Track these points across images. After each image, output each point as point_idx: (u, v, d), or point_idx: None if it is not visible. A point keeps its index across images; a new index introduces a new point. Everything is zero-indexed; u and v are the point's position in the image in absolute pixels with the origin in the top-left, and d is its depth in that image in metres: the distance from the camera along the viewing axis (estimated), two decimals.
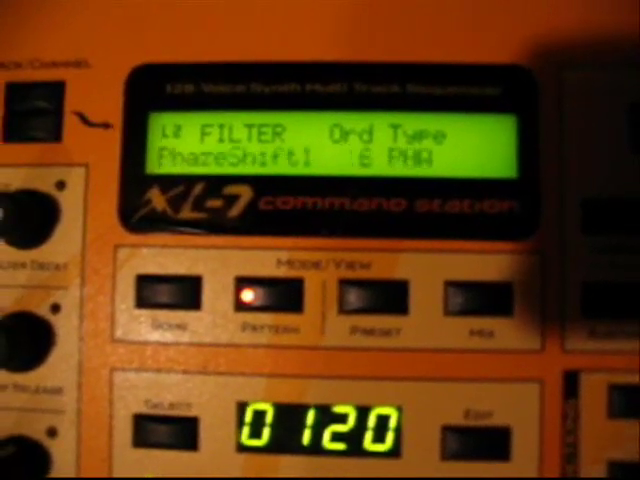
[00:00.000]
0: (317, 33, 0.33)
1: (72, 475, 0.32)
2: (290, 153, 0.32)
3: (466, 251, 0.31)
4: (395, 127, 0.32)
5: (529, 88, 0.32)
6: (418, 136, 0.32)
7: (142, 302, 0.33)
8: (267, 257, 0.32)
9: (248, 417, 0.32)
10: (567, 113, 0.32)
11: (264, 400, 0.32)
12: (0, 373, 0.33)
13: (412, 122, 0.32)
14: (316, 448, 0.32)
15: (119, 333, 0.32)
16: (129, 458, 0.32)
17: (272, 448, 0.32)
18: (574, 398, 0.31)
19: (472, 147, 0.32)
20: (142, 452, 0.32)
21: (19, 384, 0.33)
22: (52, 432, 0.32)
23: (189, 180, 0.33)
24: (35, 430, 0.32)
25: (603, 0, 0.32)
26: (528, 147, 0.32)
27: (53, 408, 0.33)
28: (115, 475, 0.32)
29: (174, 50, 0.33)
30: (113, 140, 0.33)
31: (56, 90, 0.34)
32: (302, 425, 0.32)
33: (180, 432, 0.32)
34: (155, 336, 0.32)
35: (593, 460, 0.31)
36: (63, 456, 0.32)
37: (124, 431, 0.32)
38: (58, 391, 0.33)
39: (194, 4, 0.33)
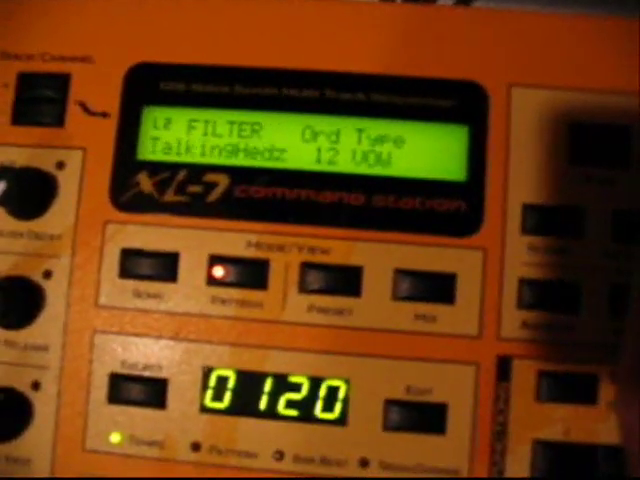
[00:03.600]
0: (294, 43, 0.35)
1: (51, 425, 0.33)
2: (265, 148, 0.35)
3: (416, 243, 0.33)
4: (360, 131, 0.34)
5: (481, 102, 0.34)
6: (380, 140, 0.34)
7: (125, 273, 0.34)
8: (238, 239, 0.34)
9: (212, 381, 0.33)
10: (514, 127, 0.34)
11: (227, 367, 0.33)
12: None
13: (375, 127, 0.34)
14: (272, 413, 0.33)
15: (103, 300, 0.34)
16: (103, 413, 0.33)
17: (232, 411, 0.33)
18: (506, 381, 0.33)
19: (427, 152, 0.34)
20: (115, 408, 0.34)
21: (10, 340, 0.34)
22: (36, 385, 0.34)
23: (174, 167, 0.35)
24: (21, 383, 0.34)
25: (553, 30, 0.35)
26: (477, 154, 0.34)
27: (38, 364, 0.34)
28: (89, 428, 0.33)
29: (168, 51, 0.35)
30: (110, 128, 0.35)
31: (62, 81, 0.36)
32: (260, 391, 0.33)
33: (151, 391, 0.33)
34: (135, 304, 0.34)
35: (520, 439, 0.32)
36: (44, 408, 0.34)
37: (100, 388, 0.34)
38: (44, 348, 0.34)
39: (187, 11, 0.36)
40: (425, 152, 0.34)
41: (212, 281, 0.34)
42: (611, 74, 0.34)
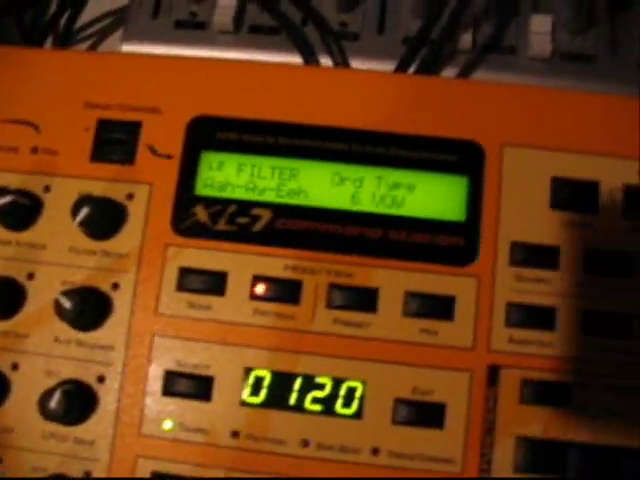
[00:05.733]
0: (328, 105, 0.42)
1: (113, 412, 0.39)
2: (301, 189, 0.41)
3: (423, 270, 0.39)
4: (379, 178, 0.40)
5: (479, 158, 0.40)
6: (395, 186, 0.40)
7: (181, 287, 0.40)
8: (277, 262, 0.40)
9: (251, 380, 0.38)
10: (505, 178, 0.40)
11: (264, 367, 0.38)
12: (68, 331, 0.39)
13: (392, 176, 0.40)
14: (299, 407, 0.38)
15: (162, 309, 0.39)
16: (158, 403, 0.39)
17: (266, 405, 0.38)
18: (494, 386, 0.38)
19: (434, 197, 0.40)
20: (168, 400, 0.39)
21: (81, 340, 0.39)
22: (101, 379, 0.39)
23: (226, 202, 0.41)
24: (89, 376, 0.39)
25: (539, 101, 0.42)
26: (474, 200, 0.40)
27: (104, 361, 0.39)
28: (145, 416, 0.38)
29: (224, 106, 0.42)
30: (173, 168, 0.41)
31: (134, 127, 0.42)
32: (290, 389, 0.38)
33: (199, 386, 0.38)
34: (188, 313, 0.39)
35: (505, 434, 0.37)
36: (107, 398, 0.39)
37: (156, 382, 0.39)
38: (110, 348, 0.39)
39: (241, 74, 0.42)
40: (432, 197, 0.40)
41: (254, 297, 0.40)
42: (585, 138, 0.41)
